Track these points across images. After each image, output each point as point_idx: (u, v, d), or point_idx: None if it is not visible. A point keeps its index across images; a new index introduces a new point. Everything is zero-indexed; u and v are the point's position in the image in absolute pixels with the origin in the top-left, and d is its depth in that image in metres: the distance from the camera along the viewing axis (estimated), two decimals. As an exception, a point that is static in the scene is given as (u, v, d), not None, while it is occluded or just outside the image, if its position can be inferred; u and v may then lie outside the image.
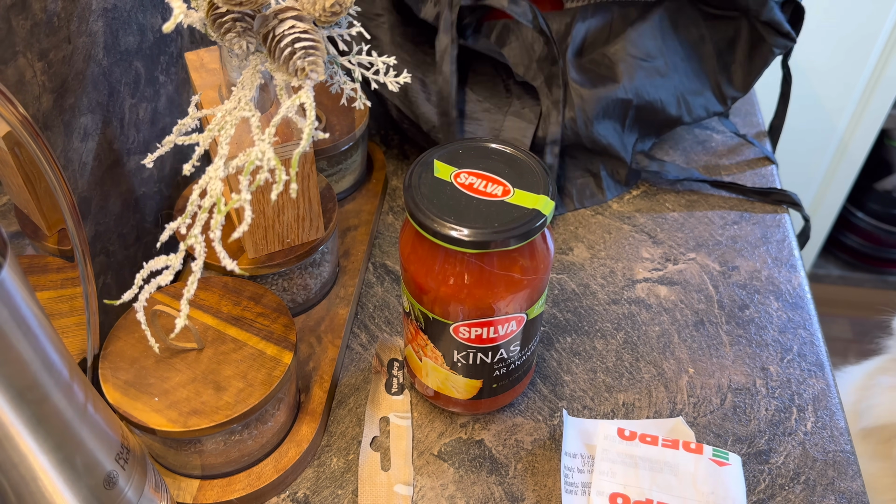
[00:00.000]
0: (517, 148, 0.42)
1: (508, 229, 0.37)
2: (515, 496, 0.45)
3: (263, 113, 0.43)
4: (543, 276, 0.41)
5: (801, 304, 0.56)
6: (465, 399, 0.47)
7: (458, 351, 0.43)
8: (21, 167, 0.40)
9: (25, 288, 0.27)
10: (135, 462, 0.35)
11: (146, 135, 0.54)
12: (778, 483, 0.46)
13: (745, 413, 0.49)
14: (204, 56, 0.48)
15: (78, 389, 0.31)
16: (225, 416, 0.40)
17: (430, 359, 0.45)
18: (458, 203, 0.39)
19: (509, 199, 0.39)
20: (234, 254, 0.48)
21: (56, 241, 0.44)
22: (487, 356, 0.44)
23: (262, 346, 0.43)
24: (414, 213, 0.39)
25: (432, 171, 0.41)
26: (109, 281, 0.51)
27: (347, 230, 0.60)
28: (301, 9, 0.37)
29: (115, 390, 0.40)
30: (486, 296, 0.40)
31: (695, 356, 0.53)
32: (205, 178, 0.36)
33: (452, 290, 0.40)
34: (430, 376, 0.47)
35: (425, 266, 0.41)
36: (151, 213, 0.56)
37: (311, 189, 0.47)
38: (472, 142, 0.42)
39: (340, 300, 0.55)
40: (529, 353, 0.46)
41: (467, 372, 0.45)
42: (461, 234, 0.37)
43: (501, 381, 0.46)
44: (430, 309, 0.42)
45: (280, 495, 0.45)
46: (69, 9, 0.43)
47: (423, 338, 0.44)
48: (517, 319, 0.42)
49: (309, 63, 0.36)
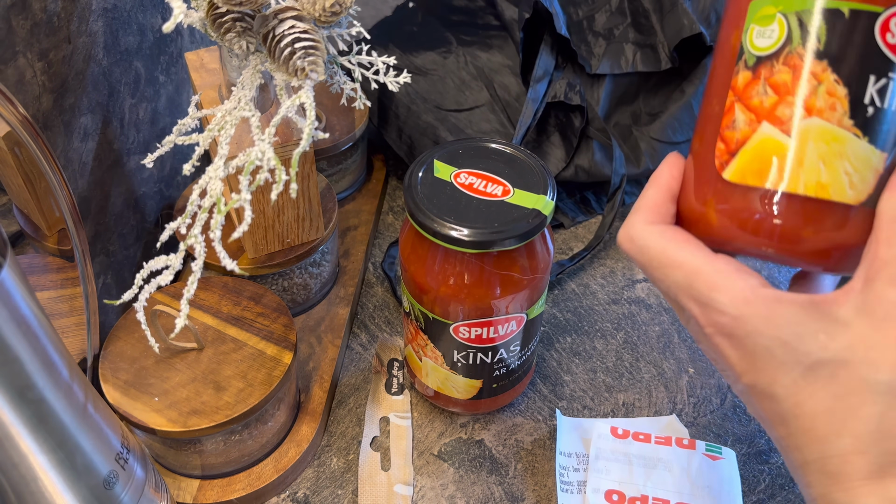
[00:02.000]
0: (517, 148, 0.42)
1: (508, 229, 0.37)
2: (515, 496, 0.45)
3: (263, 113, 0.43)
4: (543, 275, 0.41)
5: (802, 304, 0.56)
6: (465, 399, 0.47)
7: (458, 351, 0.43)
8: (21, 167, 0.40)
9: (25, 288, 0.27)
10: (135, 462, 0.35)
11: (146, 135, 0.54)
12: (778, 483, 0.46)
13: (746, 413, 0.49)
14: (204, 56, 0.48)
15: (78, 389, 0.31)
16: (225, 416, 0.40)
17: (430, 359, 0.45)
18: (457, 203, 0.39)
19: (509, 199, 0.39)
20: (234, 254, 0.48)
21: (56, 241, 0.44)
22: (487, 356, 0.44)
23: (262, 346, 0.43)
24: (414, 212, 0.39)
25: (432, 171, 0.41)
26: (109, 281, 0.51)
27: (347, 230, 0.60)
28: (301, 9, 0.37)
29: (114, 390, 0.40)
30: (485, 295, 0.40)
31: (695, 356, 0.53)
32: (205, 178, 0.36)
33: (452, 290, 0.40)
34: (430, 376, 0.47)
35: (425, 266, 0.41)
36: (151, 213, 0.56)
37: (311, 189, 0.47)
38: (472, 142, 0.42)
39: (340, 300, 0.55)
40: (529, 354, 0.46)
41: (467, 372, 0.45)
42: (461, 234, 0.37)
43: (501, 381, 0.46)
44: (431, 309, 0.42)
45: (280, 495, 0.45)
46: (69, 9, 0.43)
47: (423, 338, 0.44)
48: (517, 319, 0.42)
49: (309, 63, 0.36)
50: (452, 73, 0.65)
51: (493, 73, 0.65)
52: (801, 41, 0.28)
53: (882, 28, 0.27)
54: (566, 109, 0.62)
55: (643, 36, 0.62)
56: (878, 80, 0.27)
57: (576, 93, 0.60)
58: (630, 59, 0.61)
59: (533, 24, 0.61)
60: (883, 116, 0.27)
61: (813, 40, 0.28)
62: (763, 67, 0.29)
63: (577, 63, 0.61)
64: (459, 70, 0.65)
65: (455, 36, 0.68)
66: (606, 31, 0.63)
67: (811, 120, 0.28)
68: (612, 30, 0.63)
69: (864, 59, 0.27)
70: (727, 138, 0.30)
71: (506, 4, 0.67)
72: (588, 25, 0.63)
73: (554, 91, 0.59)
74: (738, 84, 0.30)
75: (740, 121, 0.29)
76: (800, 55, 0.28)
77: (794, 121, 0.28)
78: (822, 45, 0.27)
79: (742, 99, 0.30)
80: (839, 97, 0.27)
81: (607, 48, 0.62)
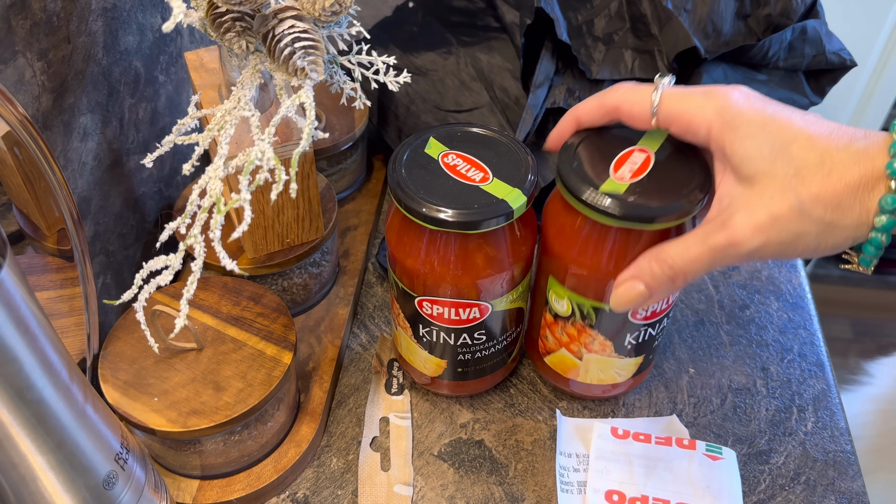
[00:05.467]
0: (521, 145, 0.42)
1: (466, 213, 0.38)
2: (515, 496, 0.45)
3: (263, 113, 0.43)
4: (509, 270, 0.41)
5: (802, 304, 0.56)
6: (430, 375, 0.48)
7: (422, 325, 0.44)
8: (21, 167, 0.40)
9: (25, 288, 0.27)
10: (134, 462, 0.34)
11: (146, 134, 0.54)
12: (778, 483, 0.46)
13: (746, 413, 0.49)
14: (204, 56, 0.48)
15: (77, 390, 0.31)
16: (225, 416, 0.40)
17: (401, 328, 0.47)
18: (434, 179, 0.40)
19: (485, 185, 0.39)
20: (234, 254, 0.48)
21: (56, 241, 0.44)
22: (451, 337, 0.44)
23: (262, 346, 0.43)
24: (389, 174, 0.40)
25: (424, 146, 0.42)
26: (109, 281, 0.51)
27: (347, 230, 0.60)
28: (301, 8, 0.37)
29: (114, 390, 0.40)
30: (443, 275, 0.40)
31: (695, 356, 0.53)
32: (204, 178, 0.36)
33: (414, 262, 0.41)
34: (401, 345, 0.48)
35: (396, 235, 0.42)
36: (151, 213, 0.56)
37: (311, 189, 0.47)
38: (476, 127, 0.43)
39: (340, 300, 0.55)
40: (500, 348, 0.46)
41: (431, 348, 0.46)
42: (419, 207, 0.38)
43: (467, 366, 0.46)
44: (400, 279, 0.43)
45: (280, 495, 0.45)
46: (69, 8, 0.43)
47: (396, 306, 0.46)
48: (480, 307, 0.42)
49: (309, 63, 0.36)
50: (452, 73, 0.65)
51: (493, 75, 0.65)
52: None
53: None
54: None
55: (642, 41, 0.62)
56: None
57: (575, 98, 0.60)
58: (629, 66, 0.61)
59: (534, 30, 0.61)
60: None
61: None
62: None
63: (576, 68, 0.61)
64: (459, 71, 0.65)
65: (455, 37, 0.67)
66: (606, 35, 0.63)
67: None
68: (612, 35, 0.63)
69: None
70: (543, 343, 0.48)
71: (506, 8, 0.67)
72: (587, 30, 0.63)
73: (553, 97, 0.59)
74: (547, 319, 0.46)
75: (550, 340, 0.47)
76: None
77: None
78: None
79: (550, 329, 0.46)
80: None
81: (607, 53, 0.62)
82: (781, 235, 0.33)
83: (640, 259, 0.37)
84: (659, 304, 0.42)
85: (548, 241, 0.43)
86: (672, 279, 0.36)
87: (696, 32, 0.60)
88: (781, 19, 0.59)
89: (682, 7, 0.60)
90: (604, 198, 0.37)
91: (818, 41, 0.58)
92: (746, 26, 0.61)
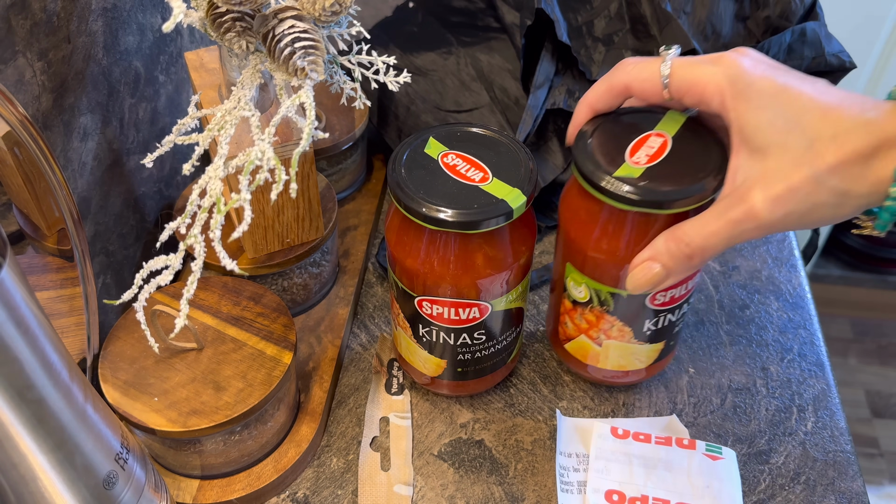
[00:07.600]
0: (521, 145, 0.42)
1: (465, 213, 0.38)
2: (515, 496, 0.45)
3: (263, 113, 0.43)
4: (508, 270, 0.41)
5: (802, 304, 0.56)
6: (430, 375, 0.48)
7: (422, 325, 0.44)
8: (21, 167, 0.40)
9: (25, 288, 0.27)
10: (134, 462, 0.35)
11: (146, 134, 0.54)
12: (778, 483, 0.46)
13: (746, 413, 0.49)
14: (204, 56, 0.48)
15: (77, 389, 0.31)
16: (225, 416, 0.40)
17: (401, 328, 0.46)
18: (433, 178, 0.40)
19: (485, 185, 0.39)
20: (234, 254, 0.48)
21: (56, 241, 0.44)
22: (450, 337, 0.44)
23: (262, 346, 0.43)
24: (389, 174, 0.40)
25: (424, 146, 0.41)
26: (109, 281, 0.51)
27: (347, 230, 0.60)
28: (301, 8, 0.37)
29: (114, 390, 0.40)
30: (443, 274, 0.40)
31: (695, 356, 0.53)
32: (204, 178, 0.36)
33: (414, 262, 0.41)
34: (401, 345, 0.48)
35: (396, 234, 0.42)
36: (151, 213, 0.56)
37: (311, 189, 0.47)
38: (476, 127, 0.43)
39: (340, 300, 0.55)
40: (500, 348, 0.46)
41: (431, 348, 0.46)
42: (419, 207, 0.38)
43: (467, 366, 0.46)
44: (399, 279, 0.43)
45: (280, 495, 0.45)
46: (69, 8, 0.43)
47: (396, 306, 0.46)
48: (480, 307, 0.42)
49: (309, 63, 0.36)
50: (452, 74, 0.65)
51: (493, 76, 0.65)
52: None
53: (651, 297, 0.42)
54: (565, 115, 0.62)
55: (641, 43, 0.62)
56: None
57: (575, 100, 0.60)
58: None
59: (534, 30, 0.61)
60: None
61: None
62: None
63: (577, 69, 0.61)
64: (459, 71, 0.65)
65: (455, 37, 0.67)
66: (606, 36, 0.63)
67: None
68: (612, 36, 0.63)
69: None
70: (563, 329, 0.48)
71: (506, 8, 0.67)
72: (587, 31, 0.63)
73: (553, 98, 0.60)
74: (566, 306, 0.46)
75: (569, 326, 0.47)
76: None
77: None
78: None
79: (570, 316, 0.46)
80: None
81: (607, 54, 0.62)
82: (799, 206, 0.34)
83: (656, 240, 0.37)
84: (677, 290, 0.42)
85: (564, 226, 0.43)
86: (689, 257, 0.36)
87: (696, 35, 0.60)
88: (781, 21, 0.59)
89: (681, 9, 0.60)
90: (619, 183, 0.37)
91: (817, 43, 0.58)
92: (746, 28, 0.61)
